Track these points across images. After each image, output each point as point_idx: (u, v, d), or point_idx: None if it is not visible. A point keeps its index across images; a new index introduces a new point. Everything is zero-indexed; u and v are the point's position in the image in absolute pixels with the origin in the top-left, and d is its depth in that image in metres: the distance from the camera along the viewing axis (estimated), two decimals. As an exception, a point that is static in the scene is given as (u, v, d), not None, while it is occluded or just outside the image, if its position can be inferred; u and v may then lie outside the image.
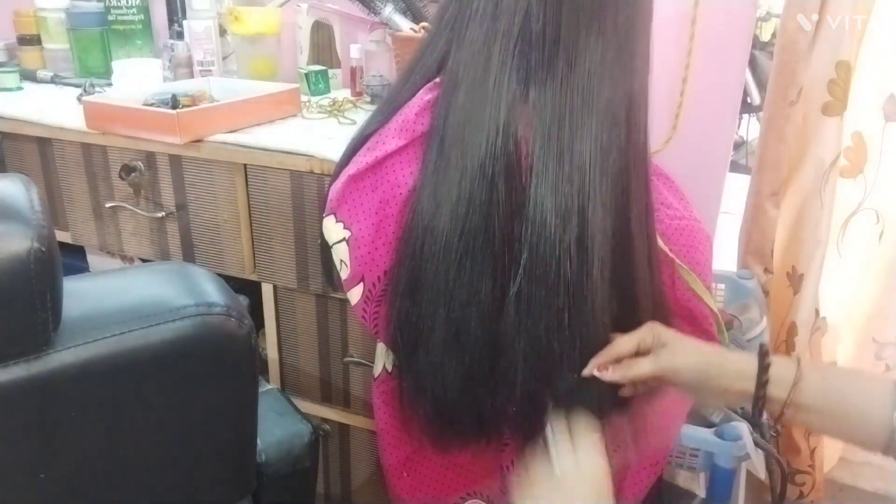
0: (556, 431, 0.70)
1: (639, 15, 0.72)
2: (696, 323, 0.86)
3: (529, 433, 0.73)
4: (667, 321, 0.82)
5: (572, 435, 0.70)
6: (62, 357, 0.62)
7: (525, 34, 0.69)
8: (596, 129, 0.69)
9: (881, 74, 1.17)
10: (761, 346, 0.69)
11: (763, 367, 0.66)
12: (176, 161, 1.15)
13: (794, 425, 0.68)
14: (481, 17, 0.71)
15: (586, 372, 0.71)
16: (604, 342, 0.72)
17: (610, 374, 0.70)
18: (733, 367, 0.69)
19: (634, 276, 0.75)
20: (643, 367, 0.70)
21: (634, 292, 0.75)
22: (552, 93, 0.69)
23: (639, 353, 0.71)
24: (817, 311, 1.31)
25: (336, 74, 1.50)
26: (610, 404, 0.74)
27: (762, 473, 1.20)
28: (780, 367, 0.66)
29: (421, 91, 0.77)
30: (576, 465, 0.68)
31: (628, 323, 0.75)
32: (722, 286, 1.29)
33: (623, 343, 0.71)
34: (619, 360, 0.71)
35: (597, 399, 0.73)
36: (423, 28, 1.26)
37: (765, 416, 0.68)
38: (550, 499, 0.66)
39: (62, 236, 1.29)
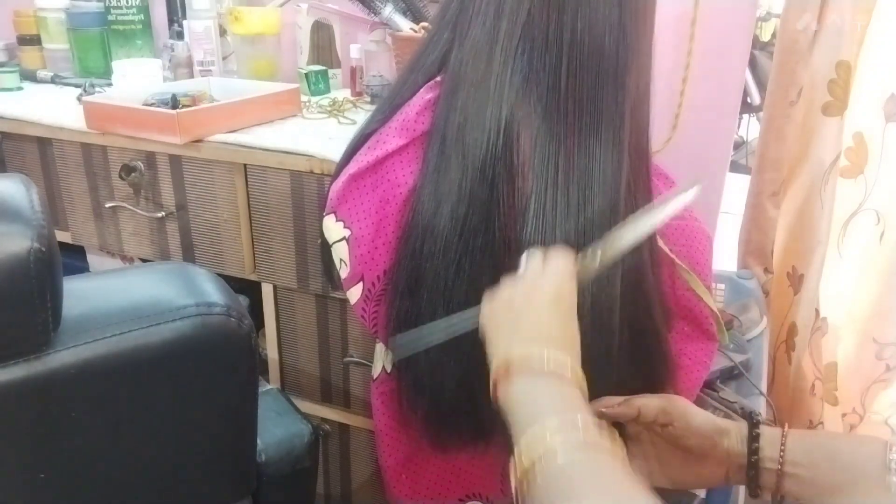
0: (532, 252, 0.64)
1: (641, 15, 0.72)
2: (696, 323, 0.86)
3: None
4: (667, 321, 0.82)
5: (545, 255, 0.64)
6: (62, 357, 0.62)
7: (527, 34, 0.69)
8: (596, 129, 0.69)
9: (882, 74, 1.17)
10: (750, 412, 0.68)
11: (753, 424, 0.65)
12: (176, 161, 1.15)
13: (791, 497, 0.66)
14: (484, 16, 0.71)
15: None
16: (606, 344, 0.71)
17: (616, 411, 0.67)
18: (731, 426, 0.67)
19: (640, 276, 0.75)
20: (652, 402, 0.67)
21: (642, 292, 0.75)
22: (553, 93, 0.69)
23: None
24: (817, 311, 1.31)
25: (336, 74, 1.50)
26: None
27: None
28: (767, 428, 0.66)
29: (422, 90, 0.77)
30: (541, 266, 0.62)
31: (639, 323, 0.75)
32: (722, 286, 1.29)
33: (611, 398, 0.69)
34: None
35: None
36: (423, 28, 1.26)
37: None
38: (511, 297, 0.61)
39: (62, 236, 1.29)
